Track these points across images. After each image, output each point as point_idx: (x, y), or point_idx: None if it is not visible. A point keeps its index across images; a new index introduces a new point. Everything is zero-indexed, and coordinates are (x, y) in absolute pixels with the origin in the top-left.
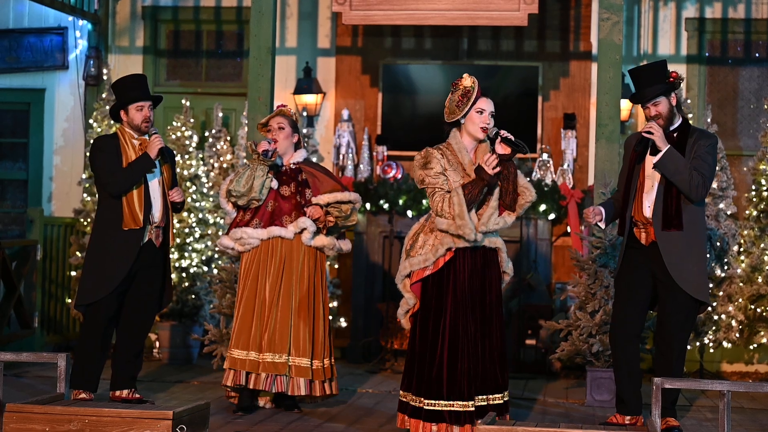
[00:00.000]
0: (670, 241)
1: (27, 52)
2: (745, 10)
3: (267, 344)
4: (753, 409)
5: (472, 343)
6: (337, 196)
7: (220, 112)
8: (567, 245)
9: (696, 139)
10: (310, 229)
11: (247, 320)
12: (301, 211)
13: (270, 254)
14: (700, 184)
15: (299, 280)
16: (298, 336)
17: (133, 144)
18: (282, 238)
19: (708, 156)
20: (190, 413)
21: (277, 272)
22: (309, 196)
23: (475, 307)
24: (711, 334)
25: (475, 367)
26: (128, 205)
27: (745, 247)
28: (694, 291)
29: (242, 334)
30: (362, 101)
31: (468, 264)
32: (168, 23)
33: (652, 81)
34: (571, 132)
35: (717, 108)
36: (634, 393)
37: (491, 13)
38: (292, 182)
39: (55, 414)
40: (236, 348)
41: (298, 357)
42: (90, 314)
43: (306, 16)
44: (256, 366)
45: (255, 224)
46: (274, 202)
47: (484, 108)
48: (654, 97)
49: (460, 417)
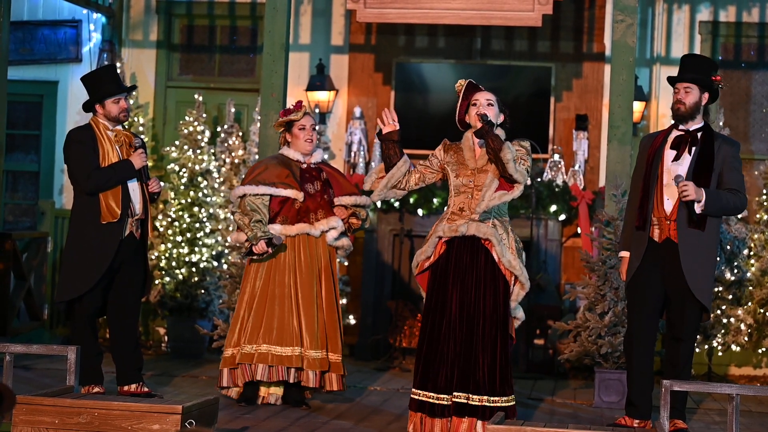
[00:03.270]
0: (690, 242)
1: (41, 44)
2: (759, 14)
3: (309, 341)
4: (761, 413)
5: (458, 337)
6: (357, 200)
7: (232, 108)
8: (577, 246)
9: (720, 144)
10: (339, 229)
11: (267, 314)
12: (328, 209)
13: (294, 250)
14: (742, 199)
15: (325, 277)
16: (323, 330)
17: (108, 136)
18: (309, 235)
19: (738, 164)
20: (199, 408)
21: (305, 268)
22: (332, 195)
23: (466, 302)
24: (720, 337)
25: (454, 362)
26: (105, 198)
27: (756, 250)
28: (704, 298)
29: (282, 329)
30: (375, 99)
31: (463, 257)
32: (182, 18)
33: (697, 69)
34: (583, 133)
35: (729, 111)
36: (645, 398)
37: (505, 13)
38: (317, 180)
39: (64, 407)
40: (278, 344)
41: (325, 351)
42: (74, 310)
43: (320, 13)
44: (281, 359)
45: (281, 220)
46: (300, 201)
47: (477, 99)
48: (690, 80)
49: (435, 408)
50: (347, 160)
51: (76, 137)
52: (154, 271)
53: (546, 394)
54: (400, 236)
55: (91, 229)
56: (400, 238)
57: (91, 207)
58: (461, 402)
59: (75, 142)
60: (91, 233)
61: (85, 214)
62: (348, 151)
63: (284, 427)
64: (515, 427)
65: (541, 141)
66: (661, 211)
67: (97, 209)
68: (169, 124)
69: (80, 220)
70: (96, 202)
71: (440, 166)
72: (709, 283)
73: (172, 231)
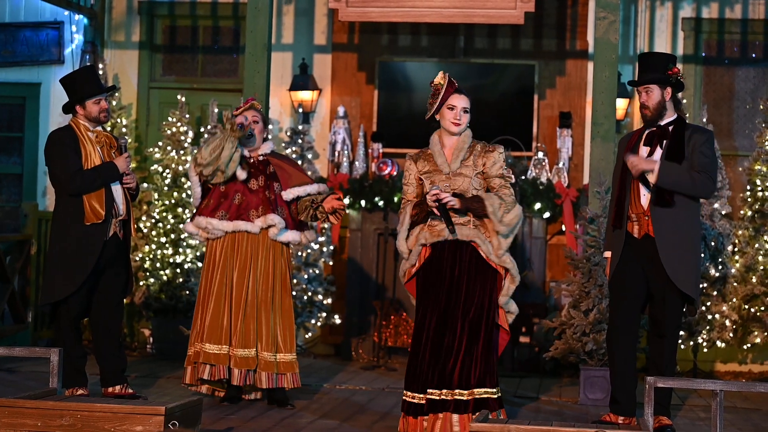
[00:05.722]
0: (667, 235)
1: (23, 46)
2: (742, 11)
3: (239, 339)
4: (746, 409)
5: (438, 337)
6: (307, 189)
7: (215, 108)
8: (562, 244)
9: (691, 133)
10: (278, 225)
11: (219, 313)
12: (269, 205)
13: (235, 248)
14: (706, 180)
15: (264, 275)
16: (262, 331)
17: (89, 137)
18: (248, 232)
19: (707, 150)
20: (182, 409)
21: (243, 266)
22: (278, 189)
23: (451, 301)
24: (705, 333)
25: (435, 361)
26: (89, 200)
27: (740, 247)
28: (689, 289)
29: (215, 328)
30: (358, 98)
31: (448, 260)
32: (164, 18)
33: (651, 68)
34: (567, 131)
35: (713, 108)
36: (629, 394)
37: (488, 11)
38: (261, 175)
39: (47, 409)
40: (210, 342)
41: (265, 351)
42: (58, 312)
43: (302, 13)
44: (229, 361)
45: (220, 215)
46: (241, 196)
47: (455, 104)
48: (646, 83)
49: (411, 407)
50: (331, 160)
51: (58, 138)
52: (138, 272)
53: (531, 392)
54: (385, 235)
55: (75, 230)
56: (385, 237)
57: (75, 208)
58: (436, 399)
59: (57, 143)
60: (74, 235)
61: (68, 216)
62: (332, 150)
63: (269, 427)
64: (499, 425)
65: (525, 139)
66: (639, 207)
67: (80, 210)
68: (152, 125)
69: (63, 221)
70: (79, 204)
71: (416, 177)
72: (693, 274)
73: (155, 232)
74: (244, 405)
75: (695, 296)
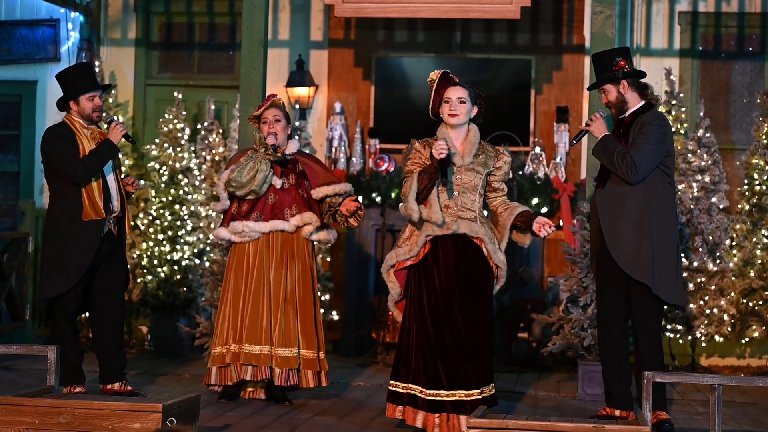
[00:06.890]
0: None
1: (19, 44)
2: (738, 4)
3: (279, 338)
4: (744, 403)
5: (441, 336)
6: (336, 188)
7: (212, 105)
8: (559, 239)
9: (642, 119)
10: (314, 224)
11: (257, 313)
12: (304, 203)
13: (270, 247)
14: (629, 164)
15: (302, 273)
16: (305, 329)
17: (85, 134)
18: (283, 231)
19: (648, 131)
20: (180, 406)
21: (279, 265)
22: (308, 187)
23: (452, 299)
24: (703, 328)
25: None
26: (88, 196)
27: (738, 241)
28: (642, 276)
29: (255, 329)
30: (355, 94)
31: (451, 254)
32: (160, 15)
33: (600, 69)
34: (564, 125)
35: (710, 102)
36: (622, 388)
37: (484, 6)
38: (291, 174)
39: (44, 406)
40: (250, 343)
41: (308, 349)
42: (55, 308)
43: (298, 9)
44: (269, 360)
45: (256, 217)
46: (274, 195)
47: (449, 96)
48: (598, 86)
49: (417, 401)
50: (328, 156)
51: (55, 133)
52: (136, 269)
53: (529, 388)
54: (383, 231)
55: (71, 226)
56: (383, 233)
57: (72, 204)
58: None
59: (54, 137)
60: (70, 231)
61: (64, 212)
62: (329, 146)
63: (267, 424)
64: (497, 420)
65: (522, 134)
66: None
67: (78, 206)
68: (149, 122)
69: (59, 217)
70: (77, 200)
71: (425, 162)
72: (647, 258)
73: (153, 229)
74: (242, 402)
75: (649, 282)
